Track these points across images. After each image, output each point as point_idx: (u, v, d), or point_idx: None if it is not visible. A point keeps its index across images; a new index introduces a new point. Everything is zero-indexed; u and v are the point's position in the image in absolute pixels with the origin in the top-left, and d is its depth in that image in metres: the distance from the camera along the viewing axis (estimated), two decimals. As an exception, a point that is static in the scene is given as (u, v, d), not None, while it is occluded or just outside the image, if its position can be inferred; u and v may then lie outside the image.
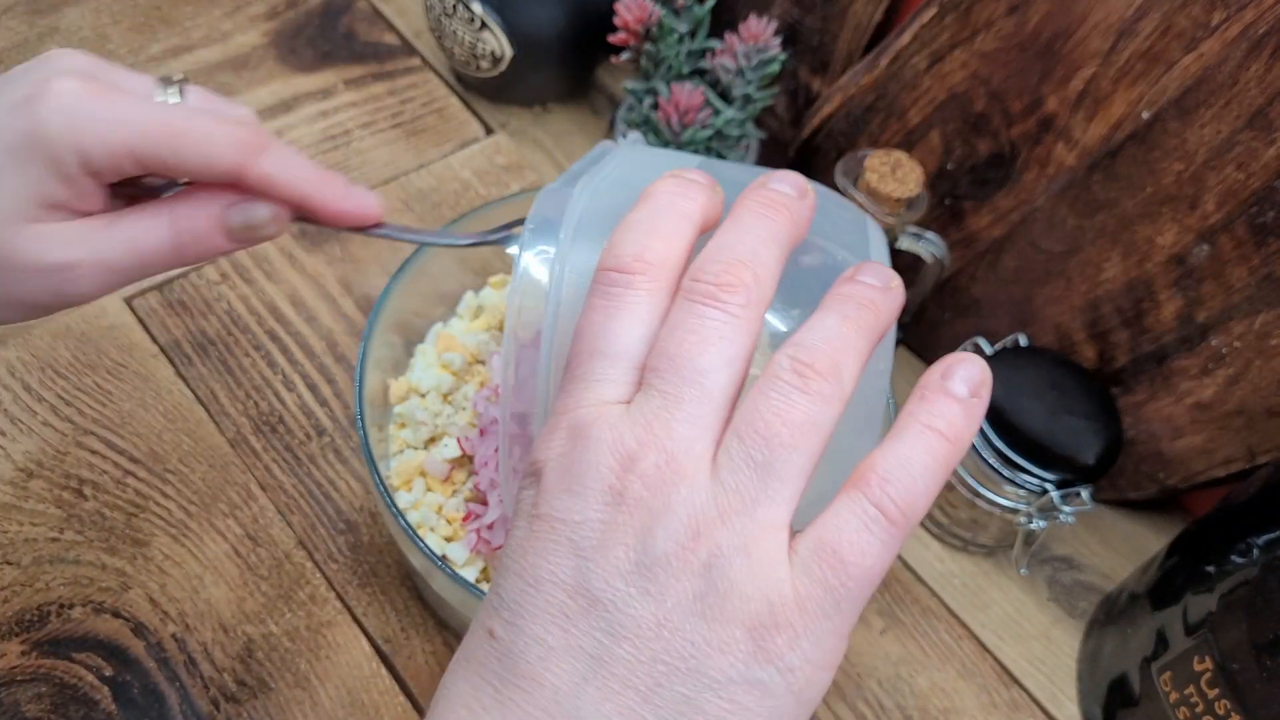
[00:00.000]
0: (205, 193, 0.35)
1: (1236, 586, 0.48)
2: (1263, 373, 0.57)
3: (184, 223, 0.34)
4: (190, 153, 0.33)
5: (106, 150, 0.33)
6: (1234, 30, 0.52)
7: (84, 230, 0.34)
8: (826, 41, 0.71)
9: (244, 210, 0.35)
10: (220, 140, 0.33)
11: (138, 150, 0.33)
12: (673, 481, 0.26)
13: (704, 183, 0.31)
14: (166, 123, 0.33)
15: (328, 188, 0.35)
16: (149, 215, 0.34)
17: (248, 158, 0.34)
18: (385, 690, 0.53)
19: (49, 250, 0.33)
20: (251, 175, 0.34)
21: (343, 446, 0.61)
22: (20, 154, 0.32)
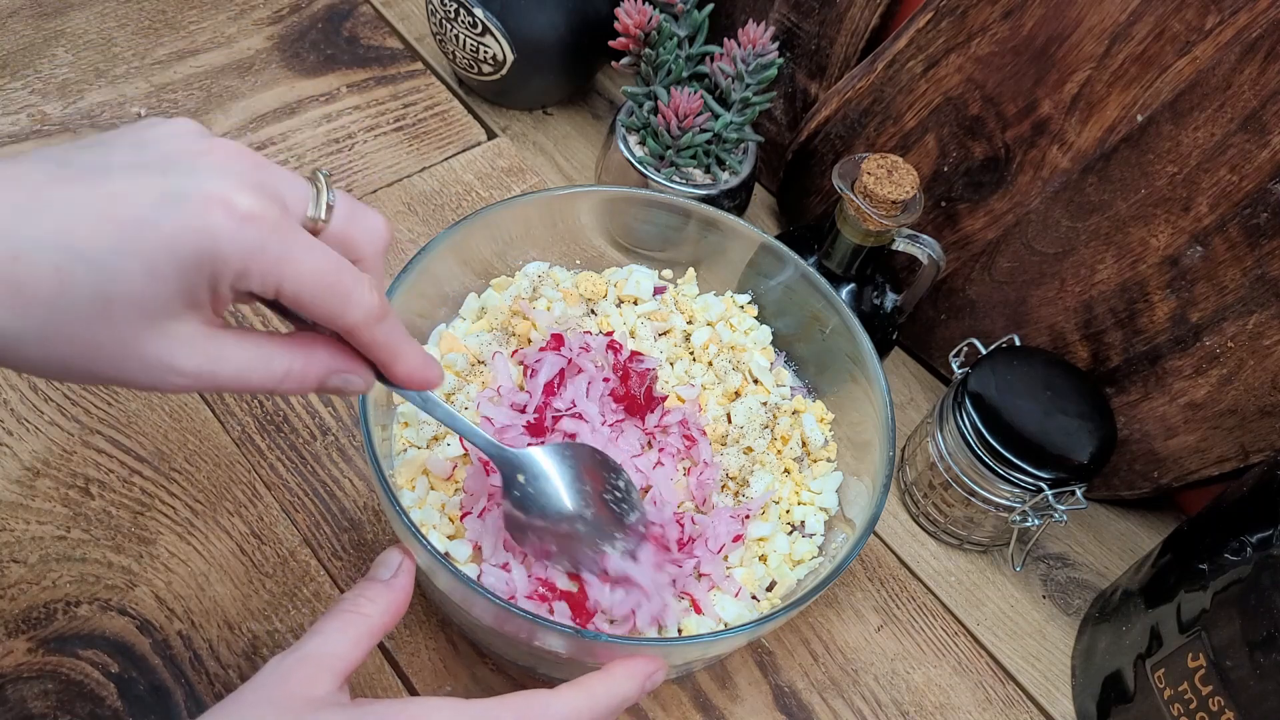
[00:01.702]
0: (319, 349, 0.38)
1: (1230, 584, 0.49)
2: (1255, 373, 0.57)
3: (295, 373, 0.37)
4: (329, 307, 0.35)
5: (265, 287, 0.34)
6: (1228, 34, 0.52)
7: (209, 345, 0.34)
8: (823, 46, 0.72)
9: (345, 379, 0.39)
10: (356, 306, 0.36)
11: (292, 296, 0.34)
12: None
13: None
14: (325, 281, 0.35)
15: (411, 358, 0.39)
16: (265, 352, 0.36)
17: (370, 325, 0.37)
18: (389, 687, 0.53)
19: (175, 354, 0.34)
20: (363, 339, 0.37)
21: (347, 445, 0.61)
22: (183, 257, 0.32)
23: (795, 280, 0.59)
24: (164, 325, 0.33)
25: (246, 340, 0.36)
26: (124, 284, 0.32)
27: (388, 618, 0.41)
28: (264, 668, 0.39)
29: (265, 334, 0.37)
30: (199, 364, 0.34)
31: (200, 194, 0.32)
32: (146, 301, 0.32)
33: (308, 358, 0.37)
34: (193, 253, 0.32)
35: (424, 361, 0.40)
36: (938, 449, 0.61)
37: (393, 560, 0.44)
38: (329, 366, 0.38)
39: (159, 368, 0.34)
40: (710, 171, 0.70)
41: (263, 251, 0.33)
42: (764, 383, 0.60)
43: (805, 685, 0.58)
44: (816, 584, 0.49)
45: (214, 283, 0.33)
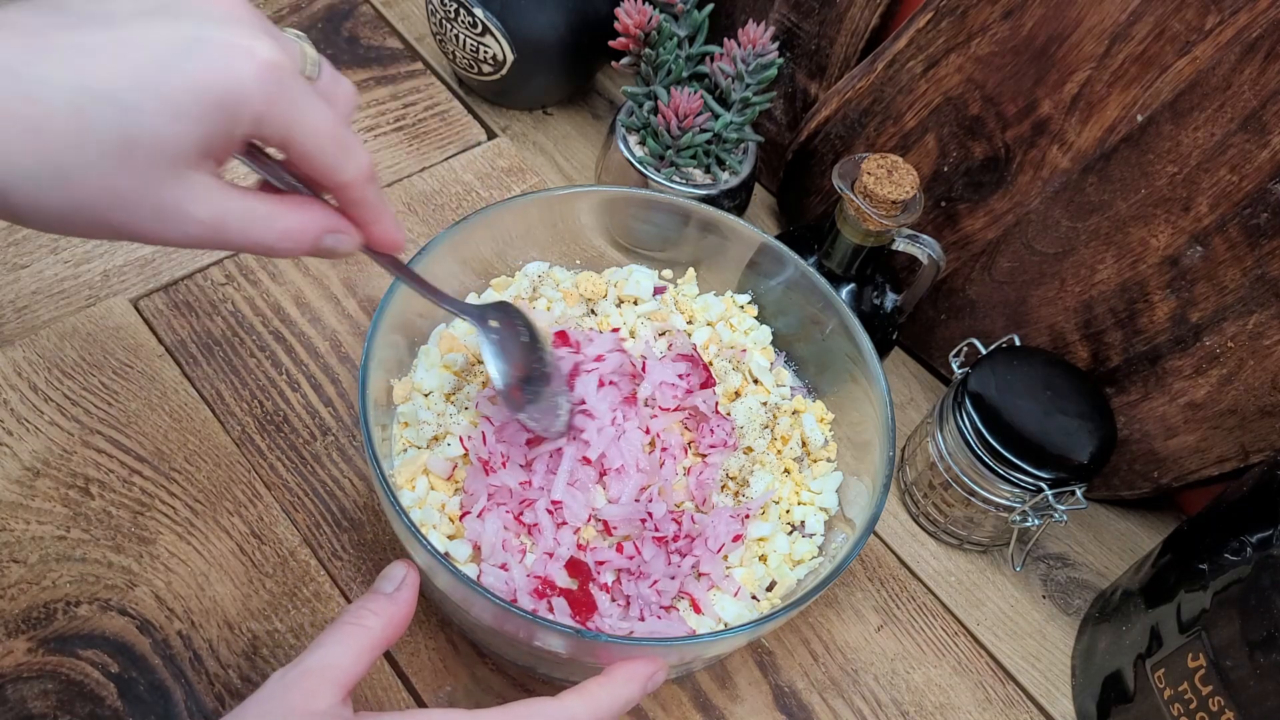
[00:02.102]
0: (315, 208, 0.38)
1: (1230, 584, 0.49)
2: (1256, 372, 0.58)
3: (294, 231, 0.37)
4: (331, 161, 0.36)
5: (275, 134, 0.34)
6: (1228, 34, 0.52)
7: (220, 196, 0.35)
8: (823, 46, 0.72)
9: (339, 239, 0.39)
10: (354, 162, 0.37)
11: (299, 145, 0.35)
12: None
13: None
14: (331, 135, 0.36)
15: (390, 220, 0.41)
16: (269, 208, 0.36)
17: (362, 183, 0.38)
18: (389, 686, 0.53)
19: (190, 202, 0.34)
20: (354, 196, 0.38)
21: (347, 445, 0.61)
22: (206, 100, 0.32)
23: (795, 280, 0.59)
24: (182, 172, 0.33)
25: (251, 196, 0.36)
26: (147, 124, 0.32)
27: (390, 630, 0.42)
28: (266, 682, 0.39)
29: (265, 193, 0.37)
30: (210, 213, 0.34)
31: (221, 39, 0.33)
32: (168, 143, 0.32)
33: (305, 216, 0.38)
34: (217, 95, 0.32)
35: (398, 224, 0.41)
36: (938, 449, 0.61)
37: (397, 574, 0.44)
38: (323, 225, 0.38)
39: (174, 215, 0.34)
40: (710, 171, 0.70)
41: (281, 98, 0.34)
42: (764, 383, 0.60)
43: (805, 685, 0.58)
44: (816, 584, 0.49)
45: (231, 127, 0.33)
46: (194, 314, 0.65)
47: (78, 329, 0.62)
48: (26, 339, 0.61)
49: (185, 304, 0.65)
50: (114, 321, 0.63)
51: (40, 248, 0.65)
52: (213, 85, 0.32)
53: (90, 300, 0.64)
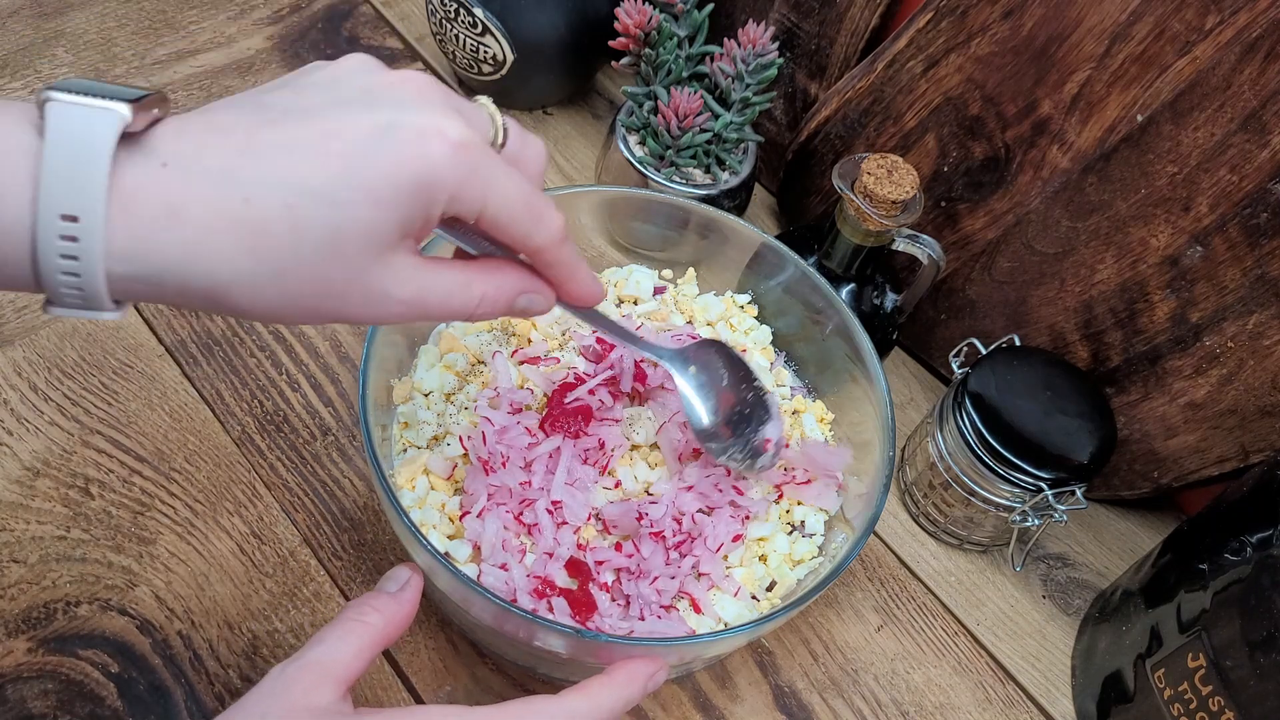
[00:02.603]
0: (509, 272, 0.39)
1: (1230, 584, 0.49)
2: (1256, 372, 0.58)
3: (490, 296, 0.39)
4: (525, 227, 0.37)
5: (472, 210, 0.36)
6: (1228, 34, 0.52)
7: (420, 274, 0.36)
8: (823, 46, 0.72)
9: (533, 299, 0.40)
10: (547, 226, 0.38)
11: (493, 217, 0.36)
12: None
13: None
14: (523, 202, 0.37)
15: (586, 276, 0.42)
16: (466, 278, 0.38)
17: (556, 245, 0.39)
18: (389, 686, 0.53)
19: (394, 284, 0.35)
20: (548, 258, 0.39)
21: (347, 446, 0.61)
22: (403, 185, 0.33)
23: (795, 280, 0.59)
24: (386, 256, 0.35)
25: (449, 268, 0.38)
26: (352, 215, 0.33)
27: (391, 628, 0.42)
28: (265, 677, 0.39)
29: (460, 261, 0.38)
30: (413, 292, 0.36)
31: (413, 124, 0.34)
32: (372, 232, 0.34)
33: (500, 280, 0.39)
34: (412, 180, 0.33)
35: (594, 279, 0.42)
36: (938, 449, 0.61)
37: (401, 575, 0.44)
38: (518, 287, 0.40)
39: (380, 298, 0.35)
40: (710, 171, 0.70)
41: (474, 176, 0.35)
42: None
43: (805, 685, 0.58)
44: (816, 584, 0.49)
45: (428, 209, 0.34)
46: (194, 314, 0.65)
47: (78, 329, 0.62)
48: (26, 339, 0.61)
49: (185, 304, 0.65)
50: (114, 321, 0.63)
51: (40, 248, 0.65)
52: (408, 170, 0.33)
53: (90, 300, 0.64)
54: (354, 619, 0.41)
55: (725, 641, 0.47)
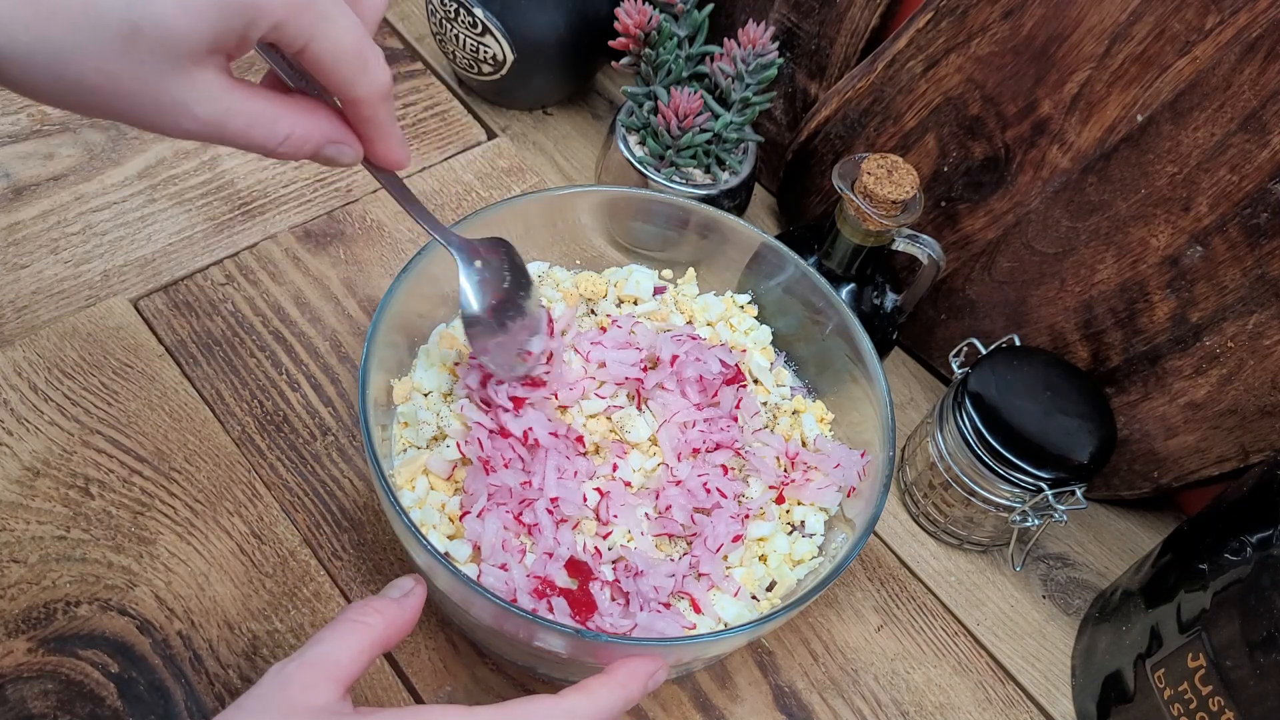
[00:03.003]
0: (322, 116, 0.37)
1: (1230, 584, 0.49)
2: (1256, 372, 0.58)
3: (296, 136, 0.36)
4: (347, 75, 0.35)
5: (292, 42, 0.33)
6: (1228, 34, 0.52)
7: (224, 95, 0.33)
8: (823, 46, 0.72)
9: (341, 150, 0.38)
10: (372, 79, 0.35)
11: (314, 57, 0.34)
12: None
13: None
14: (352, 49, 0.34)
15: (397, 138, 0.39)
16: (273, 111, 0.35)
17: (377, 100, 0.36)
18: (389, 686, 0.53)
19: (192, 99, 0.32)
20: (365, 113, 0.37)
21: (346, 445, 0.61)
22: (222, 2, 0.31)
23: (795, 280, 0.59)
24: (187, 67, 0.32)
25: (257, 96, 0.35)
26: (155, 14, 0.30)
27: (392, 632, 0.41)
28: (265, 675, 0.38)
29: (272, 92, 0.36)
30: (212, 111, 0.33)
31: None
32: (176, 38, 0.30)
33: (310, 122, 0.36)
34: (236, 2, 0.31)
35: (405, 144, 0.40)
36: (938, 449, 0.61)
37: (405, 584, 0.44)
38: (327, 134, 0.37)
39: (173, 110, 0.32)
40: (710, 171, 0.70)
41: (304, 10, 0.32)
42: (764, 383, 0.60)
43: (805, 685, 0.58)
44: (816, 584, 0.49)
45: (247, 30, 0.32)
46: (194, 314, 0.65)
47: (78, 329, 0.62)
48: (26, 339, 0.61)
49: (185, 304, 0.65)
50: (114, 321, 0.63)
51: (40, 248, 0.66)
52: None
53: (90, 300, 0.64)
54: (355, 619, 0.41)
55: (725, 641, 0.47)
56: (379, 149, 0.39)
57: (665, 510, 0.53)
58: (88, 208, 0.68)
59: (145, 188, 0.70)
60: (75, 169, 0.69)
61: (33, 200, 0.67)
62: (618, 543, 0.52)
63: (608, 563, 0.51)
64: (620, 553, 0.51)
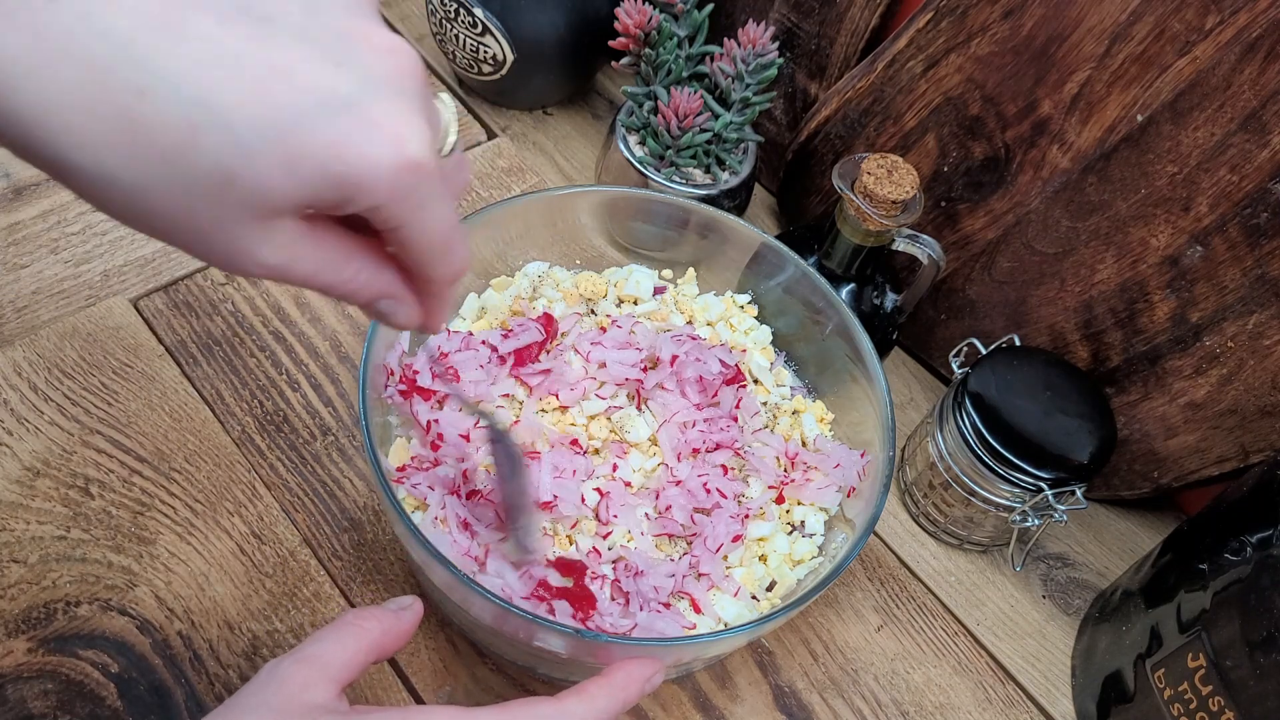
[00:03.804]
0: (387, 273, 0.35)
1: (1230, 584, 0.49)
2: (1256, 372, 0.58)
3: (359, 287, 0.34)
4: (431, 262, 0.34)
5: (389, 230, 0.32)
6: (1228, 34, 0.52)
7: (295, 245, 0.31)
8: (823, 46, 0.72)
9: (396, 311, 0.36)
10: (452, 267, 0.34)
11: (404, 243, 0.32)
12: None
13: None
14: (442, 240, 0.33)
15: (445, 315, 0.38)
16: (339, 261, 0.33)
17: (450, 284, 0.35)
18: (389, 686, 0.53)
19: (263, 249, 0.30)
20: (434, 292, 0.36)
21: (347, 445, 0.61)
22: (329, 172, 0.29)
23: (795, 280, 0.59)
24: (268, 221, 0.30)
25: (325, 243, 0.32)
26: (256, 171, 0.28)
27: (389, 638, 0.41)
28: (260, 671, 0.38)
29: (342, 236, 0.33)
30: (279, 260, 0.31)
31: (374, 116, 0.29)
32: (268, 197, 0.29)
33: (373, 276, 0.34)
34: (342, 175, 0.29)
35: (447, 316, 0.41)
36: (938, 449, 0.61)
37: (404, 600, 0.44)
38: (388, 292, 0.35)
39: (240, 255, 0.30)
40: (710, 171, 0.70)
41: (409, 199, 0.31)
42: (764, 383, 0.60)
43: (805, 685, 0.58)
44: (816, 584, 0.49)
45: (342, 206, 0.30)
46: (194, 314, 0.65)
47: (78, 329, 0.62)
48: (26, 339, 0.61)
49: (185, 304, 0.65)
50: (114, 321, 0.63)
51: (40, 248, 0.66)
52: (343, 164, 0.28)
53: (90, 300, 0.64)
54: (352, 623, 0.41)
55: (725, 641, 0.47)
56: (431, 323, 0.38)
57: (665, 510, 0.53)
58: (88, 208, 0.68)
59: (145, 188, 0.70)
60: (75, 169, 0.69)
61: (33, 200, 0.67)
62: (618, 543, 0.52)
63: (608, 563, 0.51)
64: (620, 553, 0.51)
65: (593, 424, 0.55)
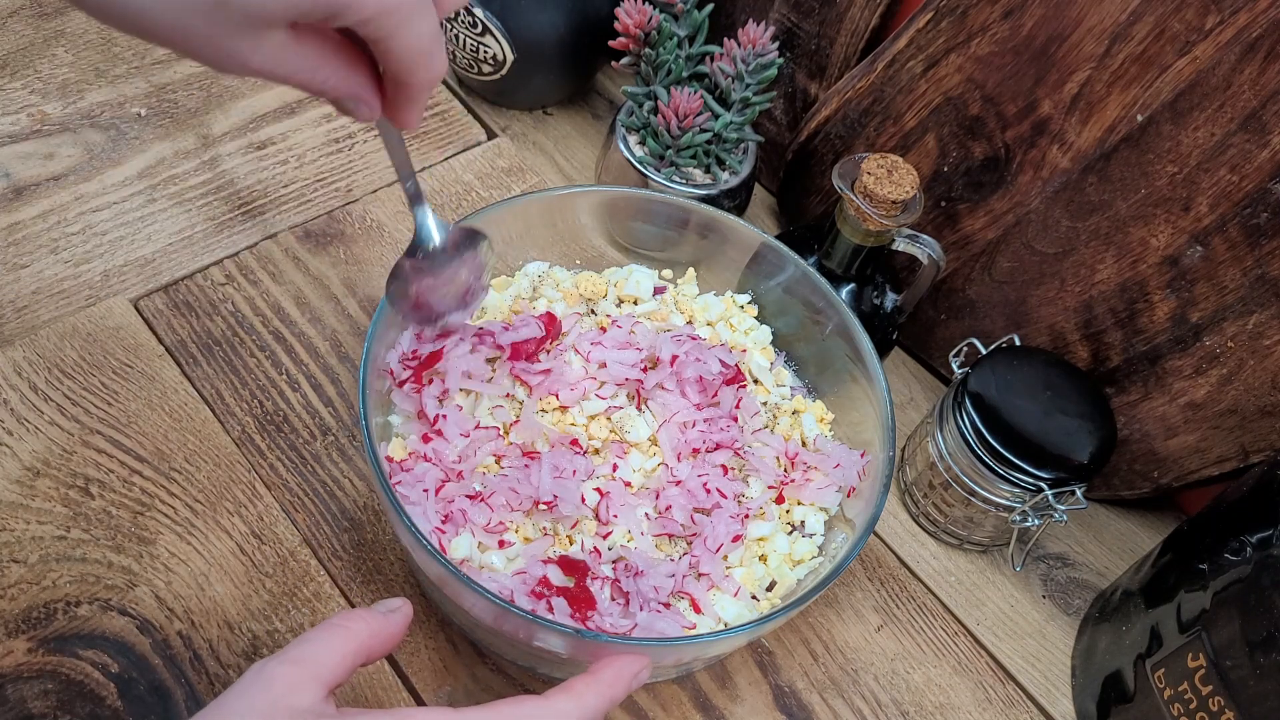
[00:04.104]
0: (359, 74, 0.39)
1: (1230, 584, 0.49)
2: (1256, 372, 0.58)
3: (331, 85, 0.38)
4: (411, 68, 0.37)
5: (370, 35, 0.35)
6: (1228, 34, 0.52)
7: (281, 50, 0.35)
8: (823, 46, 0.72)
9: (361, 109, 0.40)
10: (429, 75, 0.38)
11: (386, 51, 0.36)
12: None
13: None
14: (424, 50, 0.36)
15: (419, 112, 0.42)
16: (316, 63, 0.37)
17: (426, 89, 0.39)
18: (389, 686, 0.53)
19: (253, 54, 0.35)
20: (409, 95, 0.39)
21: (347, 445, 0.61)
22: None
23: (795, 280, 0.59)
24: (259, 31, 0.34)
25: (307, 50, 0.37)
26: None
27: (377, 641, 0.41)
28: (247, 672, 0.38)
29: (322, 40, 0.37)
30: (265, 63, 0.35)
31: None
32: (258, 13, 0.33)
33: (345, 80, 0.39)
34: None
35: (422, 112, 0.43)
36: (938, 449, 0.61)
37: (393, 602, 0.43)
38: (356, 90, 0.39)
39: (233, 59, 0.35)
40: (710, 171, 0.70)
41: (391, 15, 0.34)
42: (764, 383, 0.60)
43: (805, 685, 0.58)
44: (816, 584, 0.49)
45: (330, 20, 0.34)
46: (194, 314, 0.65)
47: (78, 329, 0.62)
48: (26, 339, 0.61)
49: (185, 304, 0.65)
50: (114, 321, 0.63)
51: (40, 248, 0.66)
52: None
53: (90, 300, 0.64)
54: (340, 624, 0.40)
55: (725, 641, 0.47)
56: (402, 115, 0.42)
57: (665, 510, 0.53)
58: (88, 208, 0.68)
59: (145, 188, 0.70)
60: (75, 169, 0.70)
61: (33, 200, 0.67)
62: (618, 543, 0.52)
63: (608, 562, 0.51)
64: (620, 553, 0.51)
65: (593, 424, 0.55)
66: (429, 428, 0.52)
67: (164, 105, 0.75)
